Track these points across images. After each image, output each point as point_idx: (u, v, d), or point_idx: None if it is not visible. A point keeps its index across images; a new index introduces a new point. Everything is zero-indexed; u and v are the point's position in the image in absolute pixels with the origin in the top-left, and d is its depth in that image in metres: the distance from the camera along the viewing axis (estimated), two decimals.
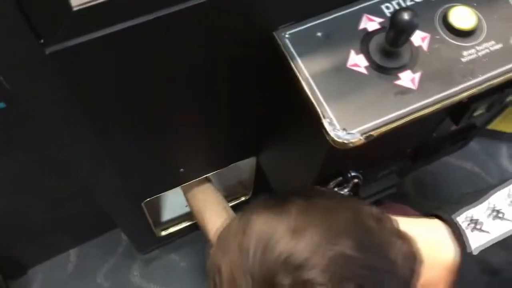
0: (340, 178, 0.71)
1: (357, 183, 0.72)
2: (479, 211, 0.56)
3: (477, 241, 0.53)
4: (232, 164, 0.89)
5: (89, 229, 1.19)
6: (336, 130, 0.55)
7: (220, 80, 0.64)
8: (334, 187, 0.71)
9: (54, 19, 0.43)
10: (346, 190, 0.72)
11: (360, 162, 0.71)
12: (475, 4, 0.62)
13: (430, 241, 0.54)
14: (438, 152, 0.86)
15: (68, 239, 1.22)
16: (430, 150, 0.82)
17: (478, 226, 0.54)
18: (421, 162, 0.85)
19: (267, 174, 0.94)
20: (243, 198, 1.13)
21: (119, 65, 0.51)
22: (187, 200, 0.94)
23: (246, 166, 0.99)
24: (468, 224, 0.54)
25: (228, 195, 1.10)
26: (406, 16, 0.53)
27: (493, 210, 0.55)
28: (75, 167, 0.69)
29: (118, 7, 0.44)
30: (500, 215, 0.55)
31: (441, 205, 0.59)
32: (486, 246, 0.53)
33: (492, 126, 1.34)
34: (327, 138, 0.56)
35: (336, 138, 0.55)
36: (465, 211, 0.56)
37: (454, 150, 0.96)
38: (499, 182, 0.60)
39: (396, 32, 0.55)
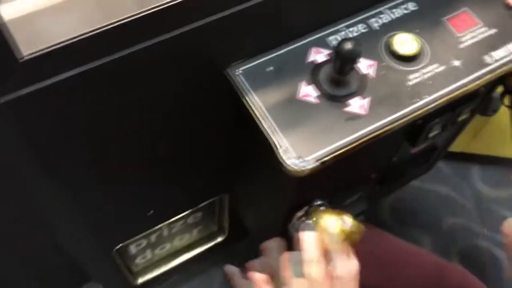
0: (306, 207, 0.72)
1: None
2: None
3: None
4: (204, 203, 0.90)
5: (64, 284, 1.16)
6: (291, 158, 0.57)
7: (178, 122, 0.65)
8: (301, 217, 0.72)
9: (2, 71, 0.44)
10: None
11: (325, 190, 0.72)
12: (417, 31, 0.65)
13: None
14: (404, 175, 0.88)
15: None
16: (395, 174, 0.84)
17: None
18: (389, 186, 0.87)
19: (238, 211, 0.95)
20: (219, 239, 1.12)
21: (71, 111, 0.52)
22: None
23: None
24: None
25: (203, 236, 1.09)
26: (349, 45, 0.56)
27: None
28: (36, 217, 0.69)
29: (64, 56, 0.46)
30: None
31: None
32: None
33: (462, 148, 1.37)
34: (284, 166, 0.57)
35: (292, 166, 0.56)
36: None
37: (421, 173, 0.98)
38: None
39: (341, 61, 0.58)
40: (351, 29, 0.66)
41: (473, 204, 1.41)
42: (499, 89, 1.03)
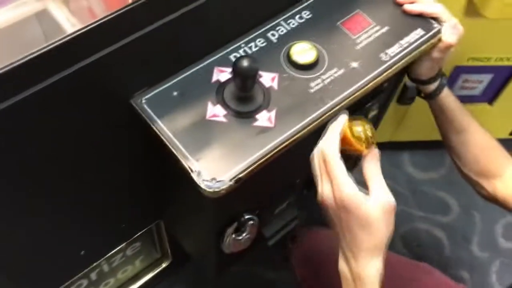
0: (236, 223, 0.72)
1: (254, 224, 0.74)
2: None
3: None
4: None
5: None
6: (205, 181, 0.57)
7: (94, 157, 0.64)
8: (232, 233, 0.72)
9: None
10: (244, 234, 0.73)
11: (252, 202, 0.73)
12: (313, 38, 0.68)
13: None
14: None
15: None
16: None
17: None
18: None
19: (175, 235, 0.94)
20: (164, 265, 1.11)
21: None
22: None
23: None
24: None
25: (147, 265, 1.08)
26: (244, 63, 0.57)
27: None
28: None
29: None
30: None
31: None
32: None
33: (389, 138, 1.43)
34: (199, 190, 0.57)
35: (207, 189, 0.57)
36: None
37: (350, 168, 1.01)
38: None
39: (241, 78, 0.59)
40: (250, 44, 0.67)
41: (407, 189, 1.47)
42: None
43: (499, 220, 1.42)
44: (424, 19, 0.71)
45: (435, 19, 0.71)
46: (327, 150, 0.59)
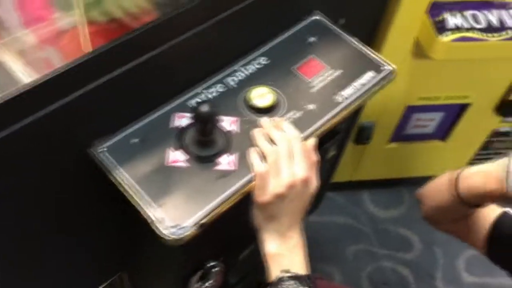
0: (201, 271, 0.71)
1: (219, 271, 0.73)
2: None
3: None
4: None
5: None
6: (168, 228, 0.56)
7: (53, 207, 0.62)
8: (197, 282, 0.70)
9: None
10: (210, 282, 0.72)
11: (216, 248, 0.72)
12: (271, 83, 0.69)
13: None
14: None
15: None
16: None
17: None
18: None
19: (141, 286, 0.91)
20: None
21: None
22: None
23: None
24: None
25: None
26: (204, 108, 0.58)
27: None
28: None
29: None
30: None
31: None
32: None
33: (349, 177, 1.45)
34: (162, 237, 0.56)
35: (170, 236, 0.56)
36: None
37: (312, 209, 1.02)
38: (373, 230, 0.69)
39: (201, 123, 0.59)
40: (210, 90, 0.68)
41: (370, 228, 1.48)
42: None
43: (460, 254, 1.45)
44: (376, 62, 0.74)
45: None
46: (297, 133, 0.63)
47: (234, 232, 0.73)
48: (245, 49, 0.72)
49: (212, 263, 0.71)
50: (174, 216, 0.57)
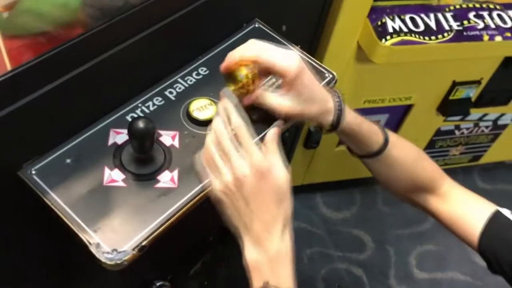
0: None
1: None
2: None
3: None
4: None
5: None
6: (105, 253, 0.53)
7: None
8: None
9: None
10: None
11: (161, 268, 0.69)
12: (211, 94, 0.67)
13: None
14: None
15: None
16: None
17: None
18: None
19: None
20: None
21: None
22: None
23: None
24: None
25: None
26: (139, 124, 0.55)
27: None
28: None
29: None
30: None
31: None
32: None
33: (300, 181, 1.45)
34: (99, 263, 0.53)
35: (108, 261, 0.53)
36: None
37: None
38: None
39: (137, 140, 0.56)
40: (147, 103, 0.65)
41: (323, 230, 1.49)
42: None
43: (411, 251, 1.48)
44: (317, 70, 0.73)
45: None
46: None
47: (180, 248, 0.70)
48: (183, 59, 0.70)
49: (159, 283, 0.68)
50: (112, 240, 0.54)
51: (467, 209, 0.71)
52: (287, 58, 0.59)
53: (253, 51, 0.60)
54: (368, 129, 0.68)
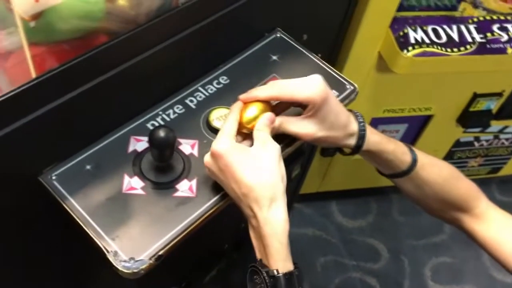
0: None
1: None
2: None
3: None
4: None
5: None
6: (123, 262, 0.53)
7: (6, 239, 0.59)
8: None
9: None
10: None
11: (177, 276, 0.69)
12: (232, 103, 0.67)
13: None
14: None
15: None
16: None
17: None
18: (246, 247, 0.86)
19: None
20: None
21: None
22: None
23: None
24: None
25: None
26: (160, 133, 0.55)
27: None
28: None
29: None
30: None
31: None
32: None
33: (316, 189, 1.44)
34: (117, 271, 0.53)
35: (125, 270, 0.53)
36: None
37: None
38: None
39: (157, 149, 0.56)
40: (168, 111, 0.65)
41: (338, 239, 1.48)
42: None
43: (426, 263, 1.46)
44: (338, 81, 0.73)
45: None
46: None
47: (196, 255, 0.71)
48: (205, 68, 0.70)
49: None
50: (129, 249, 0.54)
51: (504, 233, 0.69)
52: (310, 87, 0.59)
53: (274, 91, 0.60)
54: (394, 149, 0.67)
